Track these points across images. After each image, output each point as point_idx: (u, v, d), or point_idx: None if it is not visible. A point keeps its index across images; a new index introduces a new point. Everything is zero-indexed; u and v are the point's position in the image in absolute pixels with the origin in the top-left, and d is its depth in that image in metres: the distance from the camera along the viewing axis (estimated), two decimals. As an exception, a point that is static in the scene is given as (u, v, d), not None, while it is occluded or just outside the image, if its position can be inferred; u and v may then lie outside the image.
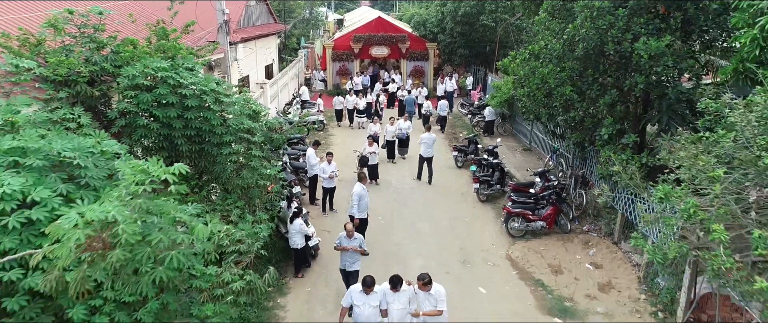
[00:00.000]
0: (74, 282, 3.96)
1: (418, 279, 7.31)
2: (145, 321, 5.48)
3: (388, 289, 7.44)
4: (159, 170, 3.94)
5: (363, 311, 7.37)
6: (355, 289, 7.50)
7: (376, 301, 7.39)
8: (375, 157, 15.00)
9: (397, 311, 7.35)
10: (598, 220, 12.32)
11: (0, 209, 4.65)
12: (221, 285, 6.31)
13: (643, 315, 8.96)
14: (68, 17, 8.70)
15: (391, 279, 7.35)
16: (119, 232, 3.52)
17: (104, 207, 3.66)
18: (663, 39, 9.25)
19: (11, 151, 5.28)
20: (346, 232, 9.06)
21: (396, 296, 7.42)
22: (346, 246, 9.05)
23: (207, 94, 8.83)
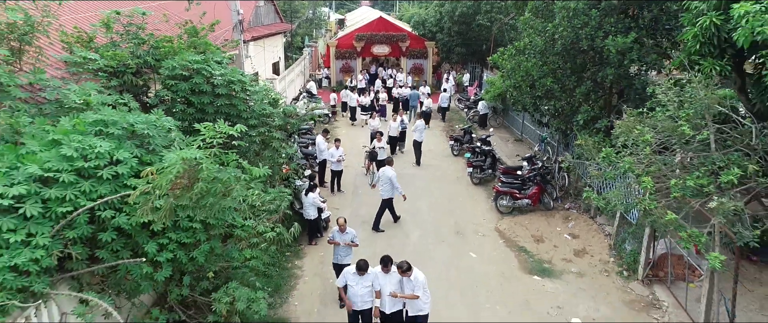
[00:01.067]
0: (163, 210, 5.40)
1: (398, 267, 7.65)
2: (198, 259, 6.93)
3: (379, 271, 7.88)
4: (226, 128, 5.39)
5: (356, 291, 7.87)
6: (349, 271, 7.98)
7: (368, 282, 7.88)
8: (383, 152, 15.68)
9: (389, 290, 7.77)
10: (578, 199, 13.75)
11: (95, 164, 6.09)
12: (257, 235, 7.74)
13: (610, 274, 10.40)
14: (116, 17, 10.14)
15: (381, 259, 7.82)
16: (202, 169, 4.96)
17: (191, 152, 5.10)
18: (629, 36, 10.70)
19: (95, 123, 6.72)
20: (338, 227, 9.53)
21: (387, 278, 7.82)
22: (338, 240, 9.47)
23: (234, 84, 10.25)
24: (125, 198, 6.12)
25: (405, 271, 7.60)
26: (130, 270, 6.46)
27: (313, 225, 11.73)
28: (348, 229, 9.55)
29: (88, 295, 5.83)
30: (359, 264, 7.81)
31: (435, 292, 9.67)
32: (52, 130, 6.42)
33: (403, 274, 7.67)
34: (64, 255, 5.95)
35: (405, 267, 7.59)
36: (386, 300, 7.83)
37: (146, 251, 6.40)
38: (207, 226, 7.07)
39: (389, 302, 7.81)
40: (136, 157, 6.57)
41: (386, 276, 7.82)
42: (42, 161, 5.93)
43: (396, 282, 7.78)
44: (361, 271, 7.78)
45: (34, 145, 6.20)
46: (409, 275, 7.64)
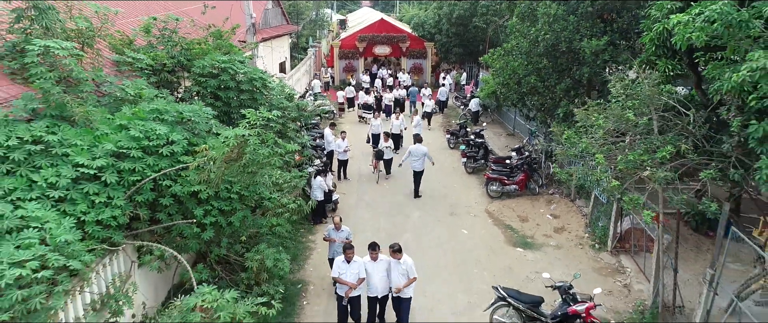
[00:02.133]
0: (216, 177, 6.90)
1: (390, 248, 8.34)
2: (234, 223, 8.43)
3: (368, 260, 8.51)
4: (266, 113, 6.91)
5: (346, 278, 8.45)
6: (339, 260, 8.57)
7: (355, 270, 8.43)
8: (390, 151, 16.37)
9: (378, 278, 8.45)
10: (561, 185, 15.24)
11: (156, 144, 7.61)
12: (281, 206, 9.24)
13: (584, 247, 11.90)
14: (154, 23, 11.65)
15: (369, 245, 8.54)
16: (249, 143, 6.47)
17: (240, 130, 6.61)
18: (603, 39, 12.20)
19: (152, 111, 8.23)
20: (334, 225, 10.10)
21: (375, 265, 8.43)
22: (334, 238, 10.01)
23: (255, 81, 11.76)
24: (180, 171, 7.66)
25: (396, 252, 8.29)
26: (182, 230, 7.97)
27: (319, 207, 13.18)
28: (343, 227, 10.08)
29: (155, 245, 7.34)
30: (345, 248, 8.52)
31: (432, 261, 11.22)
32: (118, 116, 7.94)
33: (394, 255, 8.32)
34: (132, 216, 7.46)
35: (396, 248, 8.31)
36: (376, 286, 8.47)
37: (195, 215, 7.92)
38: (241, 198, 8.58)
39: (379, 287, 8.46)
40: (185, 138, 8.09)
41: (374, 263, 8.45)
42: (115, 141, 7.44)
43: (383, 269, 8.43)
44: (348, 252, 8.41)
45: (105, 128, 7.71)
46: (399, 257, 8.33)
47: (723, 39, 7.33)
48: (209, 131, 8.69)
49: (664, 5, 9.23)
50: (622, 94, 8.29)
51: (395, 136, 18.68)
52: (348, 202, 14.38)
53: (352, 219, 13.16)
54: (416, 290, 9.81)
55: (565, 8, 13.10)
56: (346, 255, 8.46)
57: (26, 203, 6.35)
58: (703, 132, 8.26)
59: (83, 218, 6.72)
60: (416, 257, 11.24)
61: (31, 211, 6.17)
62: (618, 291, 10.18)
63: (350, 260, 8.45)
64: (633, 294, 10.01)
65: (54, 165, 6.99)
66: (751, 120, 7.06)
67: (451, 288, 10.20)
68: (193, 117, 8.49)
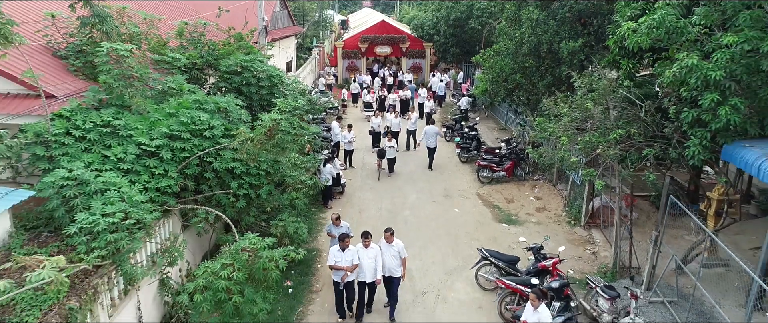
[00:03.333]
0: (252, 153, 8.59)
1: (384, 231, 9.34)
2: (262, 196, 10.11)
3: (361, 247, 9.23)
4: (294, 102, 8.60)
5: (341, 265, 9.17)
6: (334, 249, 9.29)
7: (350, 257, 9.16)
8: (393, 150, 17.12)
9: (367, 264, 9.20)
10: (545, 172, 16.92)
11: (200, 128, 9.29)
12: (300, 182, 10.93)
13: (561, 223, 13.59)
14: (185, 27, 13.32)
15: (362, 233, 9.33)
16: (282, 124, 8.16)
17: (274, 114, 8.31)
18: (578, 41, 13.87)
19: (195, 102, 9.92)
20: (333, 222, 10.64)
21: (366, 252, 9.19)
22: (334, 233, 10.45)
23: (274, 77, 13.44)
24: (219, 151, 9.36)
25: (390, 235, 9.32)
26: (220, 199, 9.65)
27: (327, 190, 14.78)
28: (342, 223, 10.62)
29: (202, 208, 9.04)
30: (341, 238, 9.26)
31: (427, 232, 12.93)
32: (167, 105, 9.64)
33: (388, 239, 9.28)
34: (181, 187, 9.15)
35: (391, 232, 9.37)
36: (367, 271, 9.23)
37: (231, 187, 9.61)
38: (267, 174, 10.27)
39: (369, 272, 9.24)
40: (222, 124, 9.77)
41: (366, 250, 9.22)
42: (168, 125, 9.13)
43: (373, 256, 9.19)
44: (344, 243, 9.16)
45: (158, 115, 9.40)
46: (392, 241, 9.32)
47: (664, 42, 9.02)
48: (239, 119, 10.39)
49: (625, 12, 10.90)
50: (586, 88, 9.97)
51: (394, 133, 19.21)
52: (353, 186, 16.08)
53: (356, 200, 14.87)
54: (414, 255, 11.53)
55: (546, 14, 14.78)
56: (342, 245, 9.16)
57: (104, 173, 8.03)
58: (656, 119, 9.94)
59: (146, 186, 8.41)
60: (413, 229, 13.01)
61: (109, 178, 7.85)
62: (587, 257, 11.88)
63: (345, 249, 9.19)
64: (599, 259, 11.71)
65: (121, 144, 8.69)
66: (684, 108, 8.74)
67: (443, 253, 11.90)
68: (227, 107, 10.19)
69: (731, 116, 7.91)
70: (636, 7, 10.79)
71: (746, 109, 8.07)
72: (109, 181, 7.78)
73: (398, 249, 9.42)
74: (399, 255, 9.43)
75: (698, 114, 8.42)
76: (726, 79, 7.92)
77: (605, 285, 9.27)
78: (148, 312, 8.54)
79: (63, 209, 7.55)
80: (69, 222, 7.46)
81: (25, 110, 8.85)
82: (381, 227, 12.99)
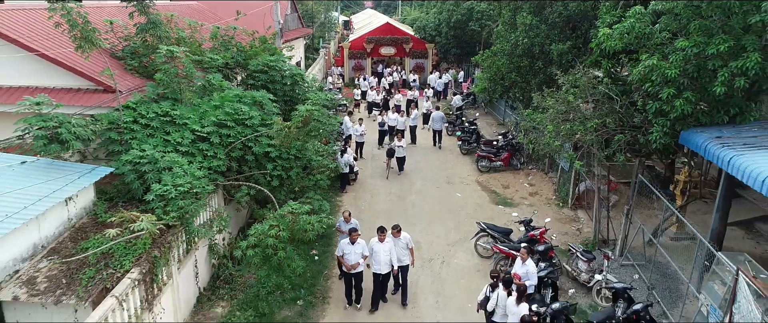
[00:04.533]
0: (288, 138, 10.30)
1: (393, 228, 10.10)
2: (292, 176, 11.82)
3: (376, 241, 9.91)
4: (323, 96, 10.33)
5: (350, 257, 9.85)
6: (344, 242, 10.01)
7: (359, 250, 9.82)
8: (402, 150, 17.87)
9: (383, 257, 9.89)
10: (538, 162, 18.62)
11: (242, 118, 11.01)
12: (323, 166, 12.64)
13: (551, 205, 15.31)
14: (218, 31, 15.04)
15: (378, 228, 10.06)
16: (315, 114, 9.88)
17: (309, 105, 10.04)
18: (566, 44, 15.56)
19: (236, 96, 11.65)
20: (343, 218, 11.26)
21: (381, 246, 9.84)
22: (344, 229, 10.99)
23: (295, 76, 15.16)
24: (257, 137, 11.07)
25: (398, 231, 10.13)
26: (257, 179, 11.36)
27: (344, 177, 16.49)
28: (352, 220, 11.19)
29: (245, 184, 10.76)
30: (350, 232, 10.04)
31: (432, 212, 14.65)
32: (213, 99, 11.36)
33: (396, 234, 10.04)
34: (227, 167, 10.85)
35: (399, 228, 10.20)
36: (382, 264, 9.90)
37: (267, 168, 11.32)
38: (296, 158, 11.98)
39: (385, 265, 9.93)
40: (259, 115, 11.48)
41: (380, 244, 9.90)
42: (216, 115, 10.85)
43: (388, 249, 9.88)
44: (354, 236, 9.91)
45: (206, 107, 11.12)
46: (399, 235, 10.11)
47: (634, 46, 10.73)
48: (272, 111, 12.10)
49: (605, 19, 12.59)
50: (570, 85, 11.70)
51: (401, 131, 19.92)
52: (365, 174, 17.80)
53: (368, 186, 16.60)
54: (421, 230, 13.27)
55: (539, 19, 16.47)
56: (352, 238, 9.86)
57: (167, 154, 9.74)
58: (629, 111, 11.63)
59: (201, 165, 10.13)
60: (420, 210, 14.74)
61: (173, 158, 9.57)
62: (573, 233, 13.59)
63: (355, 242, 9.88)
64: (583, 234, 13.42)
65: (178, 131, 10.41)
66: (649, 101, 10.44)
67: (446, 229, 13.63)
68: (262, 100, 11.91)
69: (684, 107, 9.62)
70: (615, 14, 12.49)
71: (697, 101, 9.77)
72: (174, 160, 9.50)
73: (406, 242, 10.27)
74: (407, 246, 10.28)
75: (660, 105, 10.12)
76: (680, 76, 9.62)
77: (584, 250, 10.99)
78: (201, 270, 10.27)
79: (138, 182, 9.28)
80: (142, 193, 9.20)
81: (97, 103, 10.55)
82: (391, 209, 14.84)
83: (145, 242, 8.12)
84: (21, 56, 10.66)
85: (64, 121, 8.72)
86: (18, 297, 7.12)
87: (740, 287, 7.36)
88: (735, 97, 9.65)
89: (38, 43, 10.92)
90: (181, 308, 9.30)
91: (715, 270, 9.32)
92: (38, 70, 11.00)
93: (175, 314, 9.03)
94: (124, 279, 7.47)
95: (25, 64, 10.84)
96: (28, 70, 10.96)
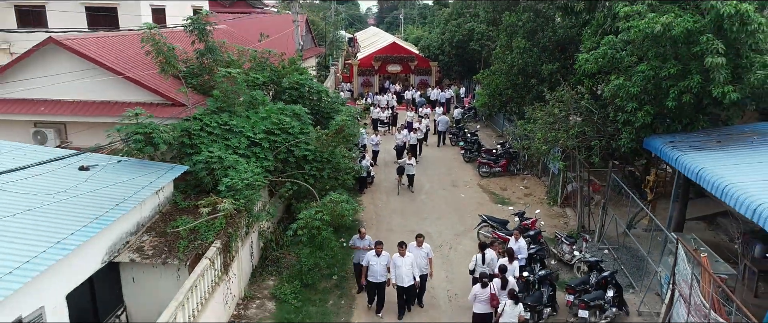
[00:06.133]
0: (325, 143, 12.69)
1: (417, 236, 11.14)
2: (324, 176, 14.19)
3: (397, 256, 10.60)
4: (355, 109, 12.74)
5: (376, 269, 10.70)
6: (370, 254, 10.77)
7: (384, 261, 10.70)
8: (412, 167, 18.88)
9: (405, 271, 10.55)
10: (533, 168, 20.98)
11: (285, 127, 13.42)
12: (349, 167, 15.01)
13: (543, 204, 17.65)
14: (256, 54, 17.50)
15: (399, 244, 10.84)
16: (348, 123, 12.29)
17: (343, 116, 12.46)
18: (555, 65, 18.02)
19: (279, 109, 14.07)
20: (359, 235, 12.00)
21: (403, 260, 10.54)
22: (359, 245, 11.83)
23: (321, 92, 17.61)
24: (298, 143, 13.45)
25: (422, 241, 11.08)
26: (296, 177, 13.71)
27: (363, 180, 18.82)
28: (366, 237, 11.94)
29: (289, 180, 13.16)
30: (375, 244, 11.06)
31: (440, 209, 16.97)
32: (260, 111, 13.77)
33: (420, 244, 10.96)
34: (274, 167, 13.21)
35: (422, 238, 11.16)
36: (404, 276, 10.58)
37: (305, 168, 13.69)
38: (327, 161, 14.33)
39: (405, 278, 10.60)
40: (299, 125, 13.88)
41: (402, 258, 10.62)
42: (265, 124, 13.26)
43: (409, 263, 10.60)
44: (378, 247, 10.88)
45: (256, 118, 13.53)
46: (422, 245, 11.05)
47: (607, 68, 13.16)
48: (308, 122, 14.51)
49: (587, 44, 15.05)
50: (555, 100, 14.13)
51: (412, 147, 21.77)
52: (380, 178, 20.17)
53: (383, 188, 18.95)
54: (431, 223, 15.58)
55: (532, 43, 18.97)
56: (377, 250, 10.83)
57: (229, 155, 12.11)
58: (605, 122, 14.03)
59: (256, 165, 12.49)
60: (429, 207, 17.07)
61: (235, 158, 11.94)
62: (560, 225, 15.90)
63: (380, 253, 10.79)
64: (569, 227, 15.73)
65: (235, 137, 12.79)
66: (618, 113, 12.83)
67: (453, 222, 15.98)
68: (300, 113, 14.32)
69: (645, 118, 12.03)
70: (594, 40, 14.97)
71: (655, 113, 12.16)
72: (235, 160, 11.88)
73: (427, 251, 11.13)
74: (427, 256, 11.14)
75: (626, 117, 12.52)
76: (641, 93, 12.03)
77: (567, 236, 13.32)
78: (254, 250, 12.61)
79: (208, 177, 11.64)
80: (212, 186, 11.56)
81: (170, 115, 12.94)
82: (404, 208, 17.18)
83: (222, 222, 10.47)
84: (108, 78, 13.11)
85: (155, 128, 11.11)
86: (134, 259, 9.45)
87: (680, 253, 9.67)
88: (685, 110, 12.04)
89: (122, 67, 13.37)
90: (243, 277, 11.63)
91: (670, 249, 11.62)
92: (119, 88, 13.43)
93: (239, 281, 11.35)
94: (211, 248, 9.81)
95: (110, 84, 13.27)
96: (112, 88, 13.39)
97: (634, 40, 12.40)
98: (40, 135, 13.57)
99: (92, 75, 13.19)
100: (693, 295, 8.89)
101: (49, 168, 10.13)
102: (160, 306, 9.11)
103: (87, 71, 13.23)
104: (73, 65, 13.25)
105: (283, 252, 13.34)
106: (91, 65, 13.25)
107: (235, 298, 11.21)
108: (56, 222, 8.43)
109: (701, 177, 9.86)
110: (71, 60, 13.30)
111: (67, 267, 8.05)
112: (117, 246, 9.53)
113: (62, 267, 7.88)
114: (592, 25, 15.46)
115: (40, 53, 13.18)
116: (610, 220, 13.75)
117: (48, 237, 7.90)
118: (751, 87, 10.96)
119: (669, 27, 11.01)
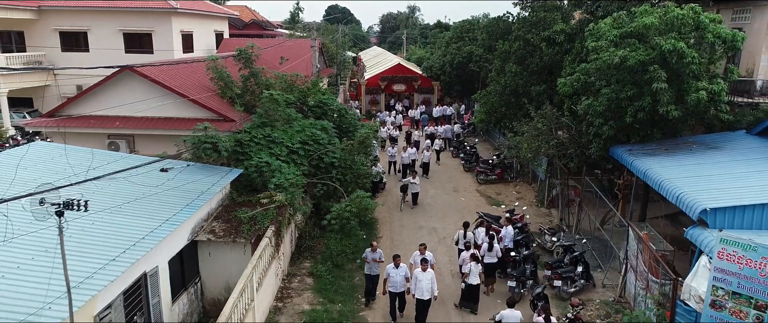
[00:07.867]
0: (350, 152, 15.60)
1: (420, 245, 12.67)
2: (347, 179, 17.11)
3: (419, 271, 11.45)
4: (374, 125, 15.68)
5: (396, 279, 11.69)
6: (390, 267, 11.81)
7: (403, 272, 11.68)
8: (416, 186, 20.23)
9: (425, 285, 11.37)
10: (525, 176, 23.84)
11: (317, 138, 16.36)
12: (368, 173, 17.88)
13: (532, 205, 20.50)
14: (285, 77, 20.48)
15: (421, 260, 11.68)
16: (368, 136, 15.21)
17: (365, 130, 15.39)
18: (542, 87, 21.01)
19: (311, 124, 17.03)
20: (371, 248, 12.94)
21: (424, 275, 11.34)
22: (369, 258, 12.84)
23: (341, 109, 20.56)
24: (327, 151, 16.36)
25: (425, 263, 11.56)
26: (326, 180, 16.58)
27: (375, 185, 21.65)
28: (378, 250, 12.91)
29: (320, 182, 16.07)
30: (394, 257, 12.11)
31: (443, 209, 19.84)
32: (295, 125, 16.71)
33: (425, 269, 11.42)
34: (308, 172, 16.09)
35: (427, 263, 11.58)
36: (424, 290, 11.36)
37: (332, 173, 16.57)
38: (350, 167, 17.19)
39: (425, 292, 11.38)
40: (327, 137, 16.79)
41: (423, 273, 11.42)
42: (301, 136, 16.19)
43: (429, 278, 11.40)
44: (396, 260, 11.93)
45: (293, 131, 16.46)
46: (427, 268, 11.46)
47: (581, 90, 16.12)
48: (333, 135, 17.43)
49: (566, 69, 18.05)
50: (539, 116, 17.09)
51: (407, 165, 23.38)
52: (390, 184, 23.06)
53: (393, 193, 21.85)
54: (437, 220, 18.40)
55: (522, 68, 21.99)
56: (396, 262, 11.85)
57: (274, 161, 14.99)
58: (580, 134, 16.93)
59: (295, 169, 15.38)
60: (434, 209, 19.92)
61: (279, 164, 14.83)
62: (546, 223, 18.72)
63: (398, 265, 11.77)
64: (553, 223, 18.56)
65: (277, 146, 15.69)
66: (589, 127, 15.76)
67: (455, 220, 18.81)
68: (327, 127, 17.26)
69: (609, 131, 14.94)
70: (573, 67, 17.96)
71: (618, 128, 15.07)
72: (279, 165, 14.77)
73: (431, 276, 11.60)
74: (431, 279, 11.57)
75: (595, 130, 15.44)
76: (606, 111, 14.95)
77: (549, 229, 16.17)
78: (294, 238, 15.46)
79: (259, 179, 14.52)
80: (262, 186, 14.42)
81: (224, 129, 15.85)
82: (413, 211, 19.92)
83: (273, 211, 13.32)
84: (172, 100, 16.08)
85: (219, 138, 14.02)
86: (210, 239, 12.29)
87: (630, 233, 12.50)
88: (641, 125, 14.94)
89: (184, 90, 16.36)
90: (286, 259, 14.45)
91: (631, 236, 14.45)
92: (177, 106, 16.37)
93: (284, 261, 14.17)
94: (268, 231, 12.66)
95: (170, 103, 16.23)
96: (171, 107, 16.33)
97: (600, 68, 15.41)
98: (114, 145, 16.49)
99: (158, 95, 16.15)
100: (638, 264, 11.72)
101: (141, 171, 13.02)
102: (228, 278, 11.99)
103: (149, 91, 16.13)
104: (144, 88, 16.23)
105: (315, 242, 16.16)
106: (157, 87, 16.22)
107: (282, 273, 14.02)
108: (158, 207, 11.30)
109: (646, 176, 12.76)
110: (142, 84, 16.28)
111: (169, 240, 10.90)
112: (196, 229, 12.38)
113: (166, 240, 10.72)
114: (572, 54, 18.51)
115: (119, 78, 16.17)
116: (584, 216, 16.59)
117: (157, 217, 10.76)
118: (690, 106, 13.92)
119: (625, 58, 14.00)
